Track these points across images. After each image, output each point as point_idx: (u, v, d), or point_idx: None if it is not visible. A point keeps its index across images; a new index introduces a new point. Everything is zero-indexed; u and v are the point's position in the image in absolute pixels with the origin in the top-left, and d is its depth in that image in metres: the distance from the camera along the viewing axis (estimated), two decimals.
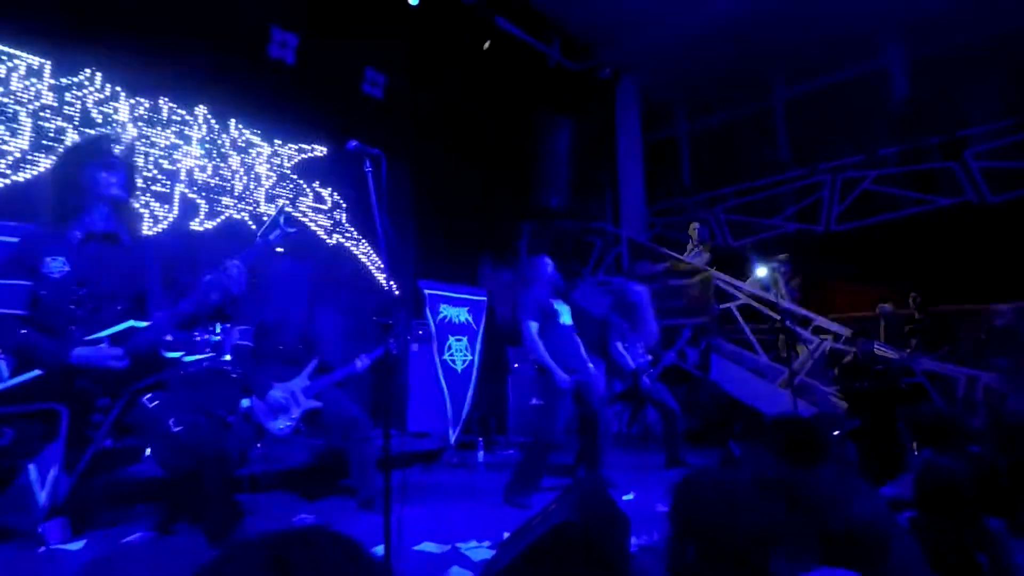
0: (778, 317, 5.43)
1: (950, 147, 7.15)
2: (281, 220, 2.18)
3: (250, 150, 5.72)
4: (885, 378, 5.41)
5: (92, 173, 2.15)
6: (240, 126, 5.65)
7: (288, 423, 3.29)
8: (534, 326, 3.83)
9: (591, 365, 4.04)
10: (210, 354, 4.24)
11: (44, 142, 4.41)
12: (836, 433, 4.13)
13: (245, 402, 3.36)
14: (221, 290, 2.11)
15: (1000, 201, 6.70)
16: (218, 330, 4.41)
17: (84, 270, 2.11)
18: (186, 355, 3.94)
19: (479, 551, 2.70)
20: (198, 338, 4.27)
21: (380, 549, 2.02)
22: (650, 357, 4.88)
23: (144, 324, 2.14)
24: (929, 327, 6.16)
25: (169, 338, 2.73)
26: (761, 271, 7.44)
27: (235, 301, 2.18)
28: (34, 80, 4.41)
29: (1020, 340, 5.12)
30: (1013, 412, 4.64)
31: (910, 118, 8.02)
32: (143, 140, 4.94)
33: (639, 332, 4.71)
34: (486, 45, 6.35)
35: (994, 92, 7.46)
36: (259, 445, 4.02)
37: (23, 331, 2.00)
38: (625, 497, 3.68)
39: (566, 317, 4.00)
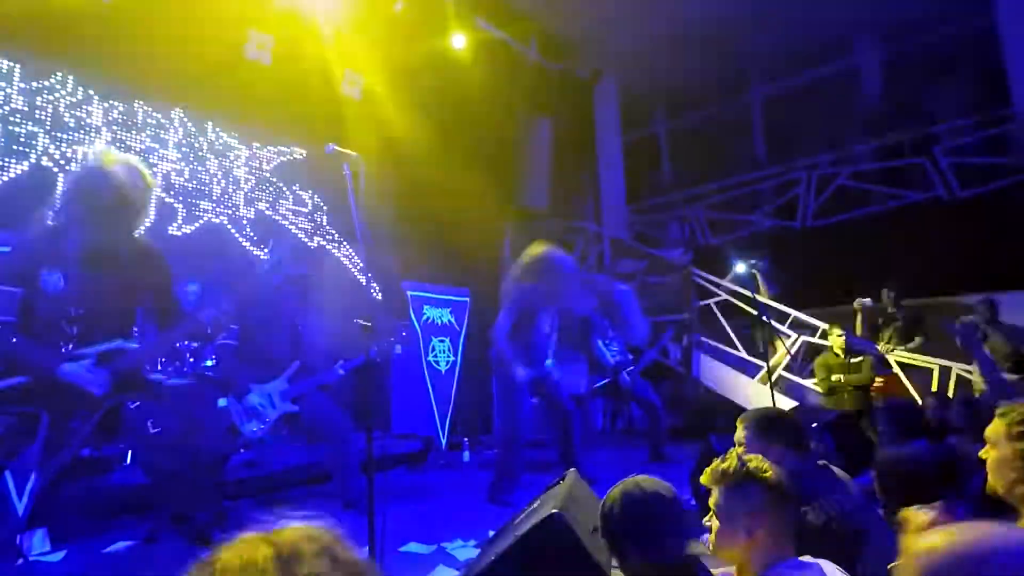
0: (756, 313, 5.52)
1: (920, 143, 7.32)
2: (282, 260, 2.18)
3: (228, 153, 5.66)
4: (861, 370, 5.53)
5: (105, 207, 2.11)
6: (217, 129, 5.59)
7: (262, 426, 3.26)
8: (507, 318, 3.87)
9: (550, 361, 4.07)
10: (189, 379, 4.19)
11: (15, 147, 4.33)
12: (814, 425, 4.21)
13: (222, 402, 3.33)
14: (209, 322, 2.14)
15: (968, 196, 6.87)
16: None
17: (80, 290, 2.09)
18: (169, 377, 3.92)
19: (465, 550, 2.72)
20: (178, 345, 4.21)
21: (365, 551, 2.03)
22: (630, 355, 4.93)
23: (133, 346, 2.16)
24: (903, 319, 6.30)
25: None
26: (740, 267, 7.56)
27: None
28: (3, 84, 4.32)
29: (989, 333, 5.25)
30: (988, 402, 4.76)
31: (882, 116, 8.20)
32: (118, 144, 4.86)
33: (623, 331, 4.75)
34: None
35: (961, 90, 7.66)
36: (243, 450, 4.00)
37: (14, 339, 2.00)
38: None
39: (545, 326, 4.02)
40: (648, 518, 1.46)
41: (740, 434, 2.09)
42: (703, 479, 1.51)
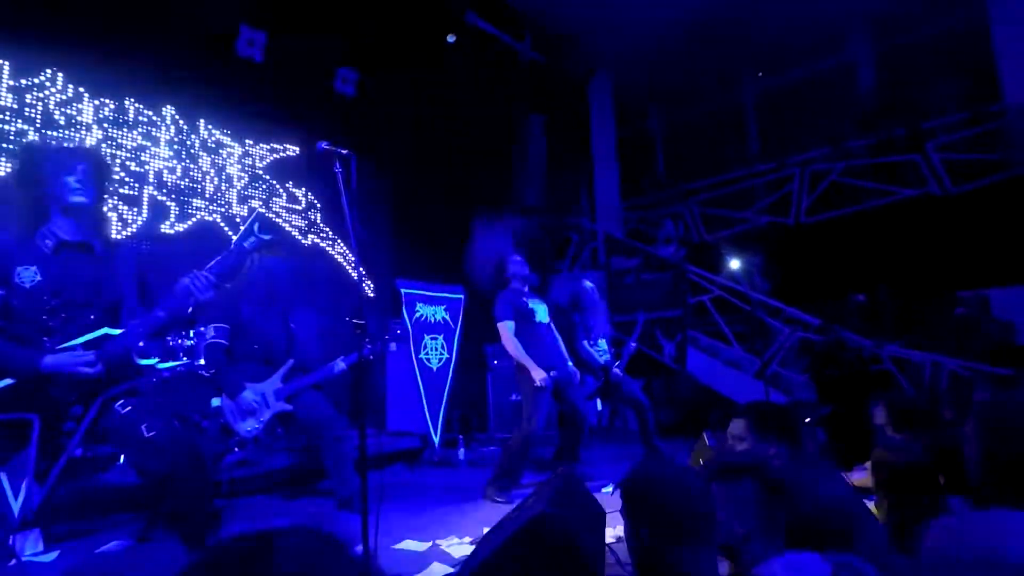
0: (750, 309, 5.54)
1: (913, 139, 7.35)
2: (256, 227, 2.17)
3: (220, 150, 5.63)
4: (854, 365, 5.56)
5: (51, 177, 2.11)
6: (209, 126, 5.56)
7: (257, 425, 3.25)
8: (510, 325, 3.86)
9: (571, 362, 4.09)
10: (184, 361, 4.18)
11: (4, 145, 4.29)
12: (807, 420, 4.24)
13: (215, 401, 3.32)
14: (191, 300, 2.11)
15: (961, 192, 6.91)
16: (191, 334, 4.34)
17: (56, 280, 2.08)
18: (160, 362, 3.89)
19: (460, 547, 2.72)
20: (171, 343, 4.20)
21: (360, 548, 2.03)
22: (614, 350, 4.96)
23: (118, 331, 2.13)
24: (896, 315, 6.34)
25: (141, 344, 2.69)
26: (734, 264, 7.59)
27: (201, 307, 2.18)
28: None
29: (980, 328, 5.30)
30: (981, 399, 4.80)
31: (875, 111, 8.22)
32: (109, 142, 4.83)
33: (591, 327, 4.79)
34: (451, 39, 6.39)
35: (953, 86, 7.69)
36: (237, 449, 3.99)
37: None
38: (604, 490, 3.73)
39: (542, 315, 4.04)
40: (679, 508, 1.39)
41: (735, 428, 2.09)
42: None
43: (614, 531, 2.73)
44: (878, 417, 3.28)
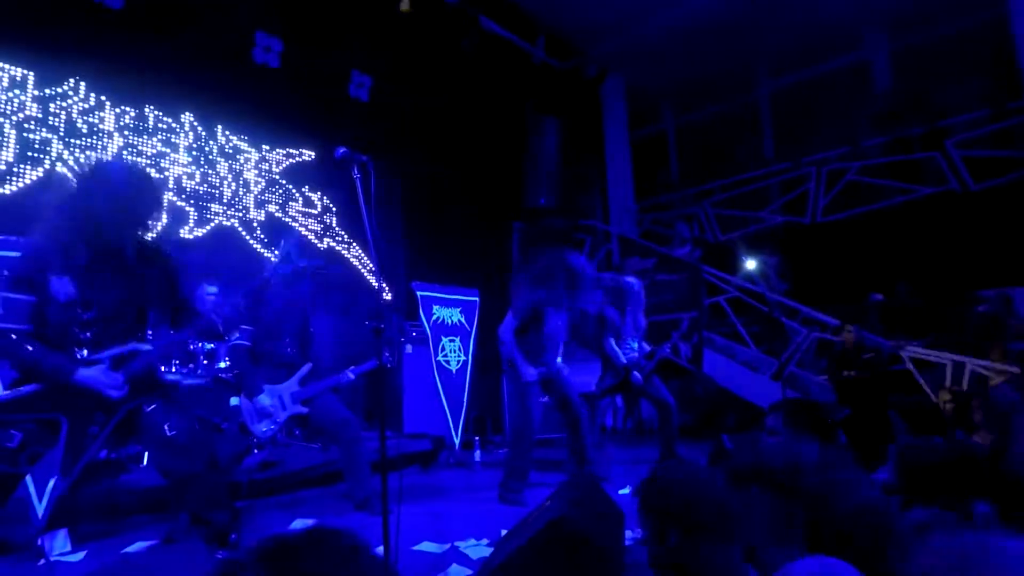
0: (767, 309, 5.49)
1: (931, 137, 7.24)
2: (293, 254, 2.20)
3: (238, 156, 5.71)
4: (874, 366, 5.49)
5: (108, 214, 2.14)
6: (227, 132, 5.64)
7: (272, 427, 3.30)
8: (514, 318, 3.84)
9: (560, 359, 4.06)
10: (205, 364, 4.24)
11: (29, 153, 4.39)
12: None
13: (234, 400, 3.37)
14: (222, 320, 2.16)
15: (981, 189, 6.79)
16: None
17: (90, 294, 2.13)
18: (185, 378, 3.96)
19: (478, 549, 2.73)
20: (191, 347, 4.26)
21: (380, 550, 2.04)
22: (647, 348, 4.91)
23: (147, 348, 2.19)
24: (916, 314, 6.25)
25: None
26: (750, 264, 7.52)
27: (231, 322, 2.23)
28: (18, 91, 4.38)
29: (1002, 325, 5.21)
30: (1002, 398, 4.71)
31: (892, 109, 8.11)
32: (129, 149, 4.92)
33: (630, 325, 4.75)
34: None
35: (973, 82, 7.57)
36: (256, 451, 4.04)
37: (29, 347, 2.04)
38: (621, 491, 3.72)
39: (553, 325, 3.99)
40: (707, 506, 1.38)
41: (770, 422, 2.08)
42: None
43: (632, 533, 2.73)
44: (896, 420, 3.25)
